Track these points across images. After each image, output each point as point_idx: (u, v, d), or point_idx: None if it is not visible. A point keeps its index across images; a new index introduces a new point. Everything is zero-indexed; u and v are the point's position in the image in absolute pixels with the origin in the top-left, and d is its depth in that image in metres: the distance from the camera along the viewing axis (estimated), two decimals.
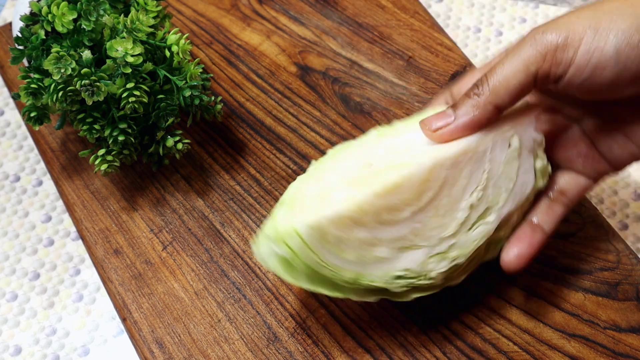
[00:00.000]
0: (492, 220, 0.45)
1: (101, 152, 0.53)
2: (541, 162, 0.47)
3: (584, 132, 0.47)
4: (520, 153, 0.45)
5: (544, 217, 0.48)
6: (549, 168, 0.47)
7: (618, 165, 0.47)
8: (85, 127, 0.53)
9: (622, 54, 0.39)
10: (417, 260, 0.45)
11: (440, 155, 0.44)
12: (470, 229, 0.45)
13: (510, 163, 0.45)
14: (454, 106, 0.44)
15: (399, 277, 0.46)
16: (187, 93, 0.53)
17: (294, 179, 0.58)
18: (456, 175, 0.44)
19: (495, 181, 0.45)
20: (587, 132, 0.47)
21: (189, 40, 0.54)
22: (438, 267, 0.46)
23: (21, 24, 0.55)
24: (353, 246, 0.44)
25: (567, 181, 0.48)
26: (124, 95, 0.51)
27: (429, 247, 0.45)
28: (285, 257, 0.45)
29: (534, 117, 0.45)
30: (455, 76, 0.63)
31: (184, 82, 0.53)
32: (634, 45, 0.39)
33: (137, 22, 0.52)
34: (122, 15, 0.53)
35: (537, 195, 0.49)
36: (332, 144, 0.60)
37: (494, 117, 0.43)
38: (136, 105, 0.51)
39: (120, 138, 0.52)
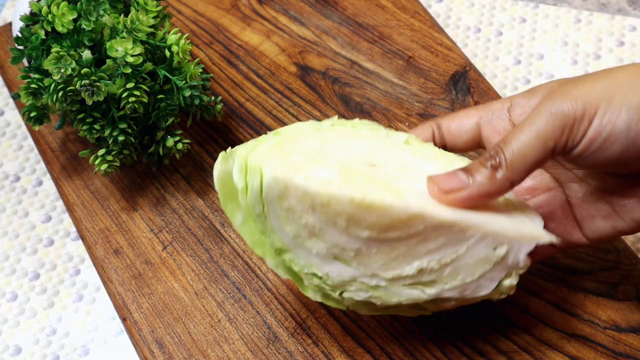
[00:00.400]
0: (430, 293, 0.43)
1: (101, 152, 0.53)
2: (510, 282, 0.44)
3: (566, 197, 0.46)
4: (499, 263, 0.43)
5: None
6: (512, 291, 0.44)
7: (592, 238, 0.45)
8: (85, 127, 0.53)
9: (632, 129, 0.39)
10: (342, 275, 0.44)
11: (430, 210, 0.41)
12: (407, 285, 0.44)
13: (482, 263, 0.43)
14: (468, 171, 0.42)
15: (315, 275, 0.44)
16: (187, 93, 0.53)
17: None
18: (430, 237, 0.42)
19: (459, 267, 0.43)
20: (570, 196, 0.46)
21: (189, 40, 0.54)
22: (354, 294, 0.44)
23: (21, 24, 0.55)
24: (297, 224, 0.43)
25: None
26: (124, 95, 0.51)
27: (359, 273, 0.43)
28: (240, 187, 0.43)
29: (534, 243, 0.42)
30: (455, 76, 0.63)
31: (184, 82, 0.53)
32: None
33: (137, 22, 0.52)
34: (122, 15, 0.53)
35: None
36: None
37: (507, 191, 0.42)
38: (136, 105, 0.51)
39: (120, 138, 0.52)
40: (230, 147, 0.45)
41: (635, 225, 0.43)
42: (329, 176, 0.42)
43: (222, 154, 0.44)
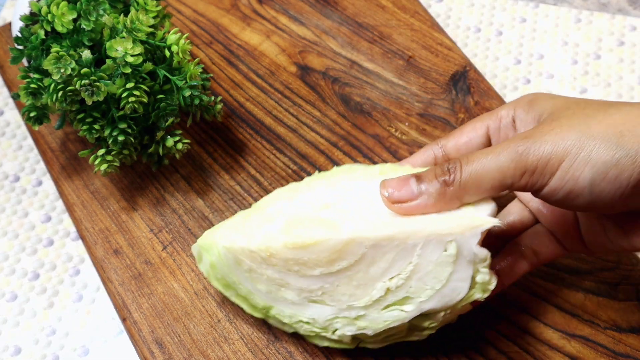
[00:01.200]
0: (409, 310, 0.44)
1: (101, 152, 0.53)
2: (482, 277, 0.44)
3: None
4: (456, 261, 0.43)
5: (506, 269, 0.47)
6: (492, 285, 0.44)
7: (594, 250, 0.46)
8: (85, 127, 0.53)
9: (596, 186, 0.38)
10: (323, 315, 0.46)
11: (362, 232, 0.43)
12: (384, 308, 0.44)
13: (442, 265, 0.43)
14: (420, 179, 0.42)
15: (306, 323, 0.47)
16: (187, 93, 0.53)
17: (294, 179, 0.58)
18: (377, 256, 0.43)
19: (422, 276, 0.43)
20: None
21: (188, 40, 0.54)
22: (344, 329, 0.46)
23: (21, 23, 0.55)
24: (263, 280, 0.46)
25: (545, 244, 0.47)
26: (124, 95, 0.51)
27: (337, 309, 0.45)
28: (209, 266, 0.49)
29: (479, 232, 0.42)
30: (455, 76, 0.63)
31: (184, 82, 0.53)
32: (610, 180, 0.37)
33: (136, 22, 0.52)
34: (122, 15, 0.53)
35: (508, 247, 0.48)
36: (332, 144, 0.60)
37: (454, 208, 0.42)
38: (136, 105, 0.51)
39: (120, 138, 0.52)
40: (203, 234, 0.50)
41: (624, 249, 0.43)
42: (272, 230, 0.46)
43: (194, 246, 0.50)
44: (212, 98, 0.57)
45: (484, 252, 0.43)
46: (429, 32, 0.66)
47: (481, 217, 0.43)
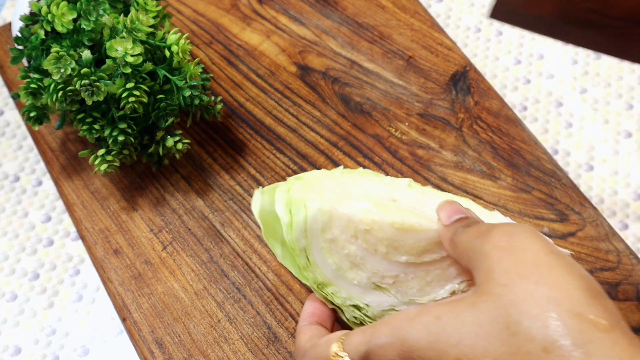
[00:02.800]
0: None
1: (101, 152, 0.53)
2: None
3: None
4: None
5: None
6: None
7: None
8: (85, 127, 0.53)
9: None
10: (382, 304, 0.45)
11: None
12: None
13: None
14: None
15: (356, 307, 0.46)
16: (187, 93, 0.53)
17: None
18: None
19: None
20: None
21: (188, 40, 0.54)
22: None
23: (21, 24, 0.55)
24: (340, 254, 0.45)
25: None
26: (124, 95, 0.51)
27: (398, 300, 0.45)
28: (278, 220, 0.45)
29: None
30: (455, 76, 0.63)
31: (184, 82, 0.53)
32: None
33: (136, 22, 0.52)
34: (122, 15, 0.53)
35: None
36: (332, 144, 0.60)
37: None
38: (136, 105, 0.51)
39: (120, 138, 0.52)
40: (260, 187, 0.48)
41: None
42: (367, 206, 0.45)
43: (258, 190, 0.47)
44: (212, 98, 0.57)
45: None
46: (429, 32, 0.66)
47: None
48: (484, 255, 0.37)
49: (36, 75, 0.51)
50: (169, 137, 0.55)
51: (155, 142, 0.55)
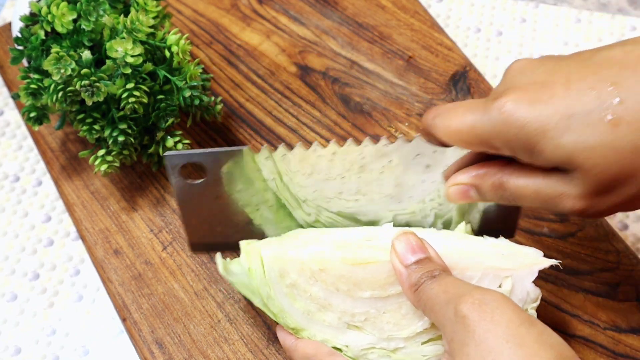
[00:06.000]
0: None
1: (101, 152, 0.53)
2: None
3: None
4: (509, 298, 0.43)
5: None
6: None
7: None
8: (85, 128, 0.53)
9: None
10: (360, 343, 0.45)
11: None
12: (425, 342, 0.44)
13: None
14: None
15: (338, 349, 0.45)
16: (187, 93, 0.53)
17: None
18: None
19: None
20: None
21: (188, 40, 0.54)
22: None
23: (21, 24, 0.55)
24: (304, 297, 0.45)
25: None
26: (124, 95, 0.51)
27: (376, 337, 0.44)
28: (244, 272, 0.46)
29: (536, 270, 0.43)
30: (455, 76, 0.63)
31: (184, 82, 0.53)
32: None
33: (136, 23, 0.52)
34: (122, 15, 0.53)
35: None
36: None
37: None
38: (136, 106, 0.51)
39: (120, 138, 0.52)
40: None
41: None
42: (322, 248, 0.45)
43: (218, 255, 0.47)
44: (212, 98, 0.57)
45: (537, 292, 0.43)
46: (429, 32, 0.66)
47: (538, 257, 0.44)
48: (455, 325, 0.37)
49: (36, 76, 0.51)
50: (169, 137, 0.55)
51: (155, 143, 0.55)
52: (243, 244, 0.47)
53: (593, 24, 0.73)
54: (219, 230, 0.50)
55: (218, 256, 0.47)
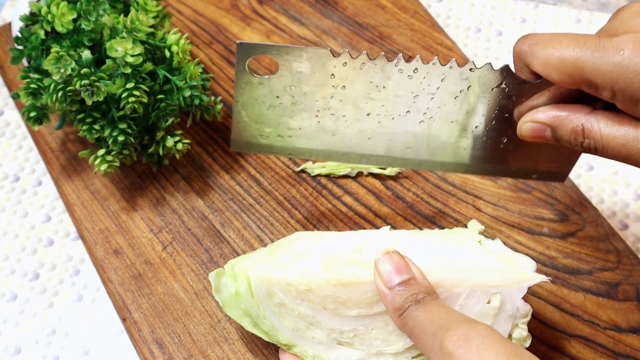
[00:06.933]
0: None
1: (101, 152, 0.53)
2: (520, 333, 0.44)
3: None
4: (498, 314, 0.43)
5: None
6: (528, 341, 0.45)
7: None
8: (85, 127, 0.53)
9: None
10: (350, 359, 0.45)
11: None
12: (415, 357, 0.44)
13: (482, 318, 0.43)
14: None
15: None
16: (187, 93, 0.53)
17: (294, 179, 0.58)
18: None
19: None
20: None
21: (188, 40, 0.54)
22: None
23: (21, 24, 0.55)
24: (293, 316, 0.45)
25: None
26: (124, 95, 0.51)
27: (366, 352, 0.45)
28: (232, 295, 0.46)
29: (526, 286, 0.43)
30: None
31: (184, 82, 0.53)
32: None
33: (136, 22, 0.52)
34: (122, 15, 0.53)
35: None
36: None
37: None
38: (136, 106, 0.51)
39: (120, 138, 0.52)
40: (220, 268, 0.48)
41: None
42: (309, 266, 0.45)
43: (211, 273, 0.47)
44: (212, 98, 0.57)
45: (527, 308, 0.43)
46: (429, 32, 0.66)
47: (528, 272, 0.44)
48: (441, 357, 0.37)
49: (36, 75, 0.51)
50: (169, 137, 0.55)
51: (156, 142, 0.55)
52: (228, 266, 0.47)
53: (593, 24, 0.73)
54: (267, 132, 0.49)
55: (211, 275, 0.48)
